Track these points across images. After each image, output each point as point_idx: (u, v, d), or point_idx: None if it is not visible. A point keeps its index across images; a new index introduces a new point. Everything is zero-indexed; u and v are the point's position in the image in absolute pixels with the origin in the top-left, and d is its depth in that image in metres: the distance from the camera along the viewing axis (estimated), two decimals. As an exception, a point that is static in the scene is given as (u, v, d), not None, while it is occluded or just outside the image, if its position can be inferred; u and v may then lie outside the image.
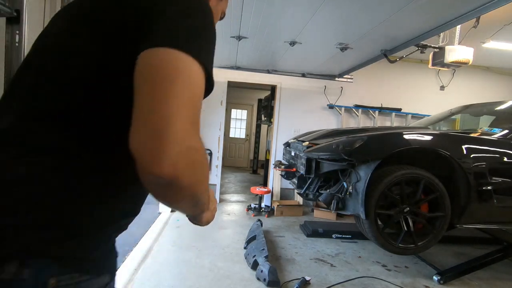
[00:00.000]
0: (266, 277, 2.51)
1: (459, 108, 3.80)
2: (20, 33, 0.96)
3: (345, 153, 2.32)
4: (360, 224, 2.53)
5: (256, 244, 3.02)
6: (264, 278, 2.53)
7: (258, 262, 2.68)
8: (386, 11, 2.16)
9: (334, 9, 2.20)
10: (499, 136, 2.70)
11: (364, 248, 3.55)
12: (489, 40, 4.15)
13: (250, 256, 2.85)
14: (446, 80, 5.61)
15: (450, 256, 3.45)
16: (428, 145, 2.46)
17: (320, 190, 2.68)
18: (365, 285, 2.69)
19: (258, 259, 2.73)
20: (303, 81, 5.15)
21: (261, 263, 2.65)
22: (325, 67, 4.07)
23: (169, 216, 4.40)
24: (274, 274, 2.52)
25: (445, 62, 3.33)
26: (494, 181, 2.50)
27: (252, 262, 2.76)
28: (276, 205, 4.79)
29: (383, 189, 2.30)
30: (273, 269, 2.59)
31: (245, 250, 3.10)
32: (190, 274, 2.70)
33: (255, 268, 2.69)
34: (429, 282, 2.79)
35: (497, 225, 2.67)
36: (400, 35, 2.61)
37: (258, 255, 2.79)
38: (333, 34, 2.73)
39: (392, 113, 5.53)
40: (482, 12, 2.02)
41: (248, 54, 3.66)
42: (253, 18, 2.49)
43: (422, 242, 2.46)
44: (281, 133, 5.33)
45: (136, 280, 2.57)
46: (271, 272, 2.52)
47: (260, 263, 2.66)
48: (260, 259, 2.71)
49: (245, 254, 3.00)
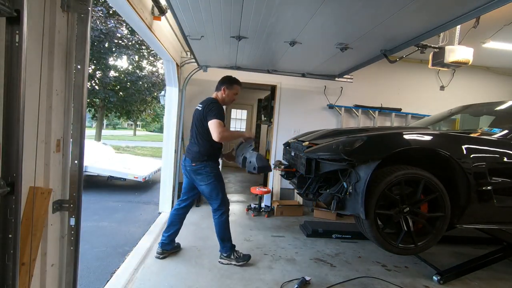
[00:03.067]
0: (255, 165, 2.51)
1: (459, 108, 3.79)
2: (20, 33, 0.95)
3: (345, 153, 2.32)
4: (360, 224, 2.53)
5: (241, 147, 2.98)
6: (254, 167, 2.53)
7: (246, 157, 2.70)
8: (386, 11, 2.16)
9: (334, 9, 2.20)
10: (499, 136, 2.70)
11: (364, 248, 3.55)
12: (489, 40, 4.15)
13: (239, 158, 2.87)
14: (446, 80, 5.61)
15: (450, 256, 3.45)
16: (428, 145, 2.46)
17: (320, 190, 2.68)
18: (365, 285, 2.69)
19: (246, 154, 2.74)
20: (303, 81, 5.15)
21: (248, 156, 2.66)
22: (325, 67, 4.06)
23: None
24: (261, 159, 2.53)
25: (445, 62, 3.33)
26: (494, 181, 2.50)
27: (241, 161, 2.78)
28: (276, 205, 4.79)
29: (383, 189, 2.30)
30: (260, 155, 2.60)
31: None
32: (190, 274, 2.70)
33: (244, 164, 2.72)
34: (429, 282, 2.80)
35: (497, 225, 2.67)
36: (400, 35, 2.61)
37: (245, 152, 2.80)
38: (333, 34, 2.73)
39: (392, 113, 5.53)
40: (482, 12, 2.02)
41: (248, 54, 3.66)
42: (253, 18, 2.49)
43: (422, 242, 2.46)
44: (281, 133, 5.34)
45: (136, 280, 2.57)
46: (258, 159, 2.53)
47: (248, 157, 2.66)
48: (247, 154, 2.72)
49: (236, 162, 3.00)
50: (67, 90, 1.40)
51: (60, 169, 1.41)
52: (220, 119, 2.65)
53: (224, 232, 2.90)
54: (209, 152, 2.79)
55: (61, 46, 1.34)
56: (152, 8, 2.92)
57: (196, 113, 2.87)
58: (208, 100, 2.81)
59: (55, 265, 1.42)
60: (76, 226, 1.41)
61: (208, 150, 2.78)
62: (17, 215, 1.03)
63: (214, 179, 2.80)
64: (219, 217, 2.87)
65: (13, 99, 0.99)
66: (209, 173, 2.79)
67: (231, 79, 2.91)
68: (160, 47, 3.48)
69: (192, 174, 2.85)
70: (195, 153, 2.80)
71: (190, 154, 2.85)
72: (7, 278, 1.02)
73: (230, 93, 2.89)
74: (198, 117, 2.79)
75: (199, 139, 2.80)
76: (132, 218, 4.61)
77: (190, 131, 2.98)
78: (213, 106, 2.72)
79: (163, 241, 3.02)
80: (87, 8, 1.34)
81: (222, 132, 2.61)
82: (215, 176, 2.81)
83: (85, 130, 1.43)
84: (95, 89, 11.84)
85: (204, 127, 2.73)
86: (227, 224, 2.90)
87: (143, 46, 12.25)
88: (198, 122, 2.79)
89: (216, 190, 2.82)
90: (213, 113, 2.66)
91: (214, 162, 2.85)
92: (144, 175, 6.41)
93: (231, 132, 3.00)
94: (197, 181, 2.85)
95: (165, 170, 4.67)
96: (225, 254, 2.92)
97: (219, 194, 2.84)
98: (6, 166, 1.01)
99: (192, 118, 2.93)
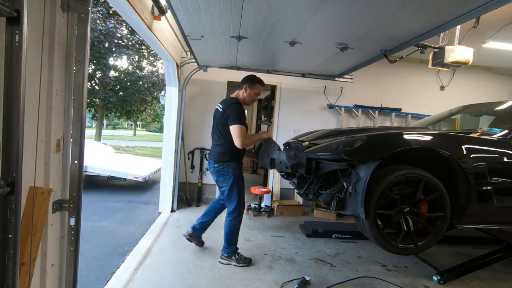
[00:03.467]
0: (287, 164, 2.49)
1: (459, 108, 3.79)
2: (20, 33, 0.95)
3: (345, 153, 2.32)
4: (360, 224, 2.53)
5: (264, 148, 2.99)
6: (286, 166, 2.51)
7: (274, 158, 2.69)
8: (386, 11, 2.16)
9: (334, 9, 2.20)
10: (499, 136, 2.70)
11: (364, 248, 3.55)
12: (489, 40, 4.15)
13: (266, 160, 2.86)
14: (446, 80, 5.61)
15: (450, 256, 3.45)
16: (428, 145, 2.46)
17: (320, 190, 2.68)
18: (365, 285, 2.69)
19: (272, 156, 2.73)
20: (303, 81, 5.15)
21: (277, 157, 2.66)
22: (325, 67, 4.06)
23: (169, 216, 4.40)
24: (291, 158, 2.51)
25: (445, 62, 3.33)
26: (494, 181, 2.50)
27: (269, 162, 2.75)
28: (276, 205, 4.79)
29: (383, 189, 2.30)
30: (289, 154, 2.55)
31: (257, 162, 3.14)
32: (190, 274, 2.70)
33: (273, 165, 2.71)
34: (429, 282, 2.80)
35: (497, 225, 2.67)
36: (400, 35, 2.61)
37: (270, 153, 2.80)
38: (333, 34, 2.73)
39: (392, 113, 5.53)
40: (482, 12, 2.02)
41: (248, 54, 3.65)
42: (253, 18, 2.49)
43: (422, 242, 2.46)
44: (281, 133, 5.34)
45: (136, 280, 2.57)
46: (289, 158, 2.51)
47: (276, 158, 2.66)
48: (274, 155, 2.72)
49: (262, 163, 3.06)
50: (67, 90, 1.40)
51: (60, 169, 1.41)
52: (242, 124, 2.69)
53: (232, 235, 2.91)
54: (231, 153, 2.80)
55: (61, 46, 1.34)
56: (152, 8, 2.91)
57: (216, 114, 2.89)
58: (228, 101, 2.81)
59: (55, 265, 1.42)
60: (76, 226, 1.41)
61: (229, 150, 2.79)
62: (17, 215, 1.03)
63: (234, 181, 2.82)
64: (231, 219, 2.88)
65: (13, 99, 0.99)
66: (231, 175, 2.81)
67: (254, 78, 2.91)
68: (160, 47, 3.48)
69: (215, 175, 2.89)
70: (217, 154, 2.83)
71: (212, 155, 2.89)
72: (7, 278, 1.02)
73: (252, 92, 2.88)
74: (219, 119, 2.82)
75: (220, 140, 2.82)
76: (132, 218, 4.61)
77: (211, 132, 2.99)
78: (233, 108, 2.72)
79: (194, 226, 3.14)
80: (87, 8, 1.35)
81: (243, 140, 2.68)
82: (235, 178, 2.82)
83: (85, 130, 1.43)
84: (95, 89, 11.84)
85: (225, 129, 2.75)
86: (237, 228, 2.91)
87: (143, 46, 12.25)
88: (219, 124, 2.81)
89: (234, 194, 2.84)
90: (234, 116, 2.68)
91: (237, 163, 2.86)
92: (144, 175, 6.41)
93: (251, 138, 2.96)
94: (219, 182, 2.90)
95: (165, 170, 4.67)
96: (226, 255, 2.92)
97: (236, 198, 2.84)
98: (6, 166, 1.01)
99: (212, 119, 2.96)
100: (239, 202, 2.85)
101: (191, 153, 5.20)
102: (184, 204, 4.95)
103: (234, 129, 2.67)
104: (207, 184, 5.27)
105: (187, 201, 4.99)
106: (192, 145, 5.20)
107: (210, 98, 5.17)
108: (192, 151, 5.20)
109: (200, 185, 5.18)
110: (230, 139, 2.71)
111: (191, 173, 5.21)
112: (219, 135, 2.83)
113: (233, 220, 2.87)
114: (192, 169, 5.21)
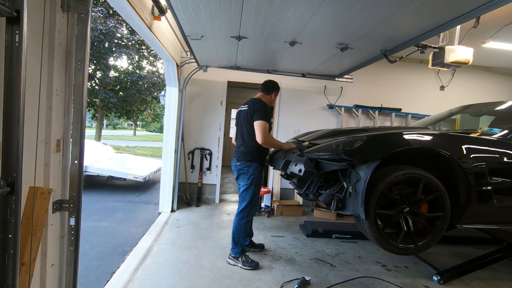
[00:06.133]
0: (301, 168, 2.47)
1: (459, 108, 3.79)
2: (20, 33, 0.95)
3: (345, 153, 2.31)
4: (360, 224, 2.53)
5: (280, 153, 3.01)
6: (300, 169, 2.49)
7: (291, 160, 2.68)
8: (386, 11, 2.16)
9: (334, 9, 2.20)
10: (499, 136, 2.70)
11: (364, 248, 3.55)
12: (489, 40, 4.15)
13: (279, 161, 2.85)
14: (446, 80, 5.61)
15: (450, 256, 3.45)
16: (428, 145, 2.46)
17: (320, 190, 2.67)
18: (365, 285, 2.69)
19: (289, 158, 2.72)
20: (303, 81, 5.15)
21: (293, 160, 2.65)
22: (325, 67, 4.06)
23: (169, 216, 4.40)
24: (309, 164, 2.48)
25: (445, 62, 3.33)
26: (494, 181, 2.50)
27: (283, 163, 2.73)
28: (276, 205, 4.79)
29: (383, 189, 2.30)
30: (308, 160, 2.52)
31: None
32: (190, 274, 2.70)
33: (286, 168, 2.69)
34: (429, 282, 2.80)
35: (497, 225, 2.67)
36: (400, 35, 2.61)
37: (288, 156, 2.79)
38: (333, 34, 2.73)
39: (392, 113, 5.53)
40: (482, 12, 2.02)
41: (248, 54, 3.65)
42: (253, 18, 2.49)
43: (422, 242, 2.45)
44: (281, 133, 5.34)
45: (136, 280, 2.57)
46: (306, 163, 2.48)
47: (293, 160, 2.65)
48: (291, 158, 2.71)
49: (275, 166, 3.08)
50: (67, 90, 1.40)
51: (60, 169, 1.41)
52: (267, 121, 2.77)
53: (238, 235, 2.92)
54: (255, 153, 2.85)
55: (61, 46, 1.34)
56: (152, 8, 2.92)
57: (241, 113, 2.98)
58: (254, 100, 2.93)
59: (55, 265, 1.42)
60: (76, 226, 1.41)
61: (253, 150, 2.84)
62: (17, 215, 1.03)
63: (252, 183, 2.85)
64: (240, 219, 2.92)
65: (13, 99, 0.99)
66: (250, 176, 2.84)
67: (278, 87, 3.16)
68: (160, 47, 3.48)
69: (236, 173, 2.95)
70: (241, 153, 2.90)
71: (236, 154, 2.96)
72: (7, 278, 1.02)
73: (275, 98, 3.18)
74: (245, 117, 2.90)
75: (245, 139, 2.89)
76: (132, 218, 4.60)
77: (236, 134, 3.06)
78: (260, 105, 2.84)
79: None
80: (87, 8, 1.35)
81: (266, 136, 2.74)
82: (254, 180, 2.86)
83: (85, 130, 1.43)
84: (95, 89, 11.82)
85: (251, 127, 2.81)
86: (244, 228, 2.92)
87: (143, 46, 12.24)
88: (245, 122, 2.89)
89: (249, 194, 2.87)
90: (260, 113, 2.77)
91: (259, 164, 2.89)
92: (144, 175, 6.40)
93: (274, 140, 2.96)
94: (238, 180, 2.95)
95: (165, 170, 4.66)
96: (233, 255, 2.94)
97: (248, 198, 2.88)
98: (6, 166, 1.01)
99: (235, 122, 3.07)
100: (250, 203, 2.88)
101: (191, 153, 5.20)
102: (184, 204, 4.95)
103: (258, 124, 2.74)
104: (207, 184, 5.28)
105: (187, 201, 4.99)
106: (192, 145, 5.21)
107: (210, 98, 5.17)
108: (192, 151, 5.21)
109: (200, 185, 5.18)
110: (255, 138, 2.78)
111: (191, 173, 5.21)
112: (243, 133, 2.90)
113: (242, 220, 2.90)
114: (192, 169, 5.21)
